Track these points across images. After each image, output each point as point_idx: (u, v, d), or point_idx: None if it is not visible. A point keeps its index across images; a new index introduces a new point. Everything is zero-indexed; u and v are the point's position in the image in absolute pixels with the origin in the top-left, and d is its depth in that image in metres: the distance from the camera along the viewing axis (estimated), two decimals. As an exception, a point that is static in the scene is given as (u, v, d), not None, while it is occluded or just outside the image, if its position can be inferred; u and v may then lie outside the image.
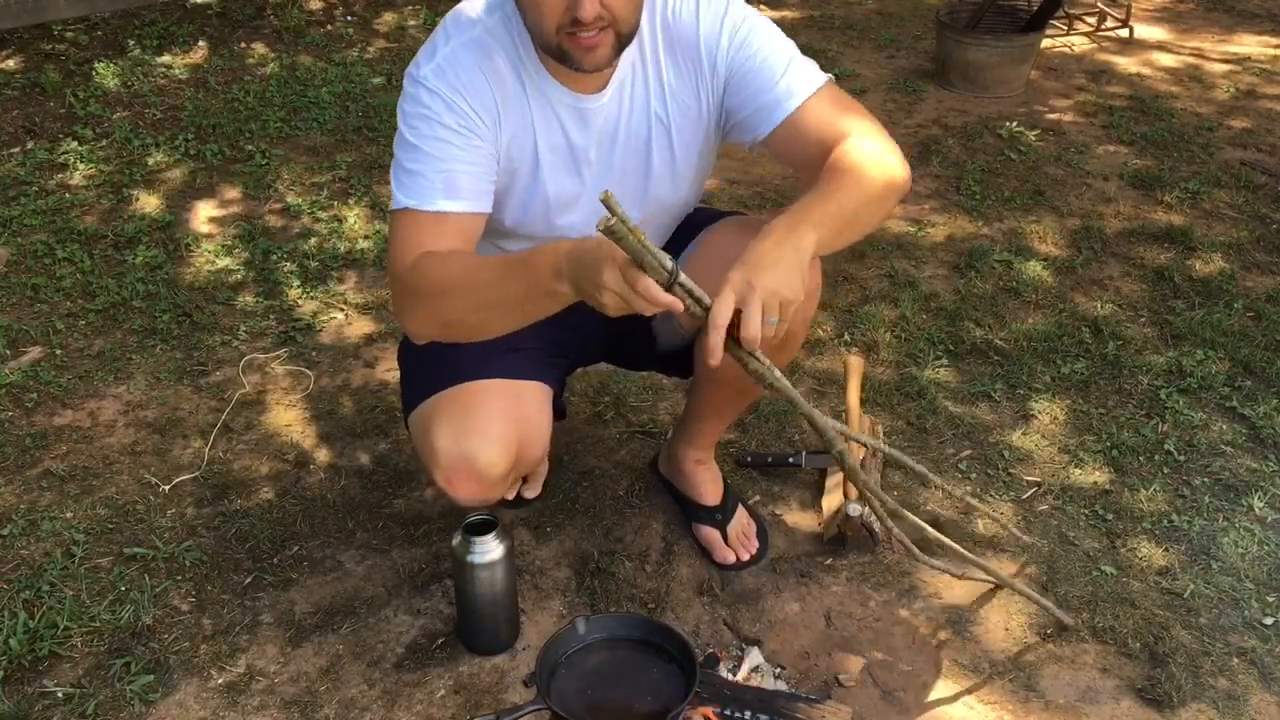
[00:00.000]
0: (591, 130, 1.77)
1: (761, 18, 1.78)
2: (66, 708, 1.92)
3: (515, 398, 1.82)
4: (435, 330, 1.65)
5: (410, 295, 1.64)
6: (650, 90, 1.77)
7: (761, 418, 2.59)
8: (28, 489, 2.40)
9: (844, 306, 3.00)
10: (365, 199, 3.54)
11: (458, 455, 1.76)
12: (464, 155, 1.66)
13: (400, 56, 4.64)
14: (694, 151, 1.86)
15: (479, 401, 1.78)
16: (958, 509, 2.34)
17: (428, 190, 1.64)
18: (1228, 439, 2.54)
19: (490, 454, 1.76)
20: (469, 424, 1.76)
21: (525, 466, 1.89)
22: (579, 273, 1.44)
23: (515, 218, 1.82)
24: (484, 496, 1.83)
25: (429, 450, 1.79)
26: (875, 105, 4.27)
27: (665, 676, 1.82)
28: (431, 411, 1.81)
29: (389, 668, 1.99)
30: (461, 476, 1.77)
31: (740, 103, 1.77)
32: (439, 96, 1.66)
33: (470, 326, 1.62)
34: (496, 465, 1.77)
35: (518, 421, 1.80)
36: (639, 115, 1.78)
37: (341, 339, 2.90)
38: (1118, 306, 3.02)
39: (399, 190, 1.67)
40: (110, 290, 3.04)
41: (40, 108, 4.11)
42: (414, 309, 1.64)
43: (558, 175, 1.78)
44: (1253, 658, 2.01)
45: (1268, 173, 3.74)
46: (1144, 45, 4.92)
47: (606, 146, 1.79)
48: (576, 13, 1.53)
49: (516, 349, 1.87)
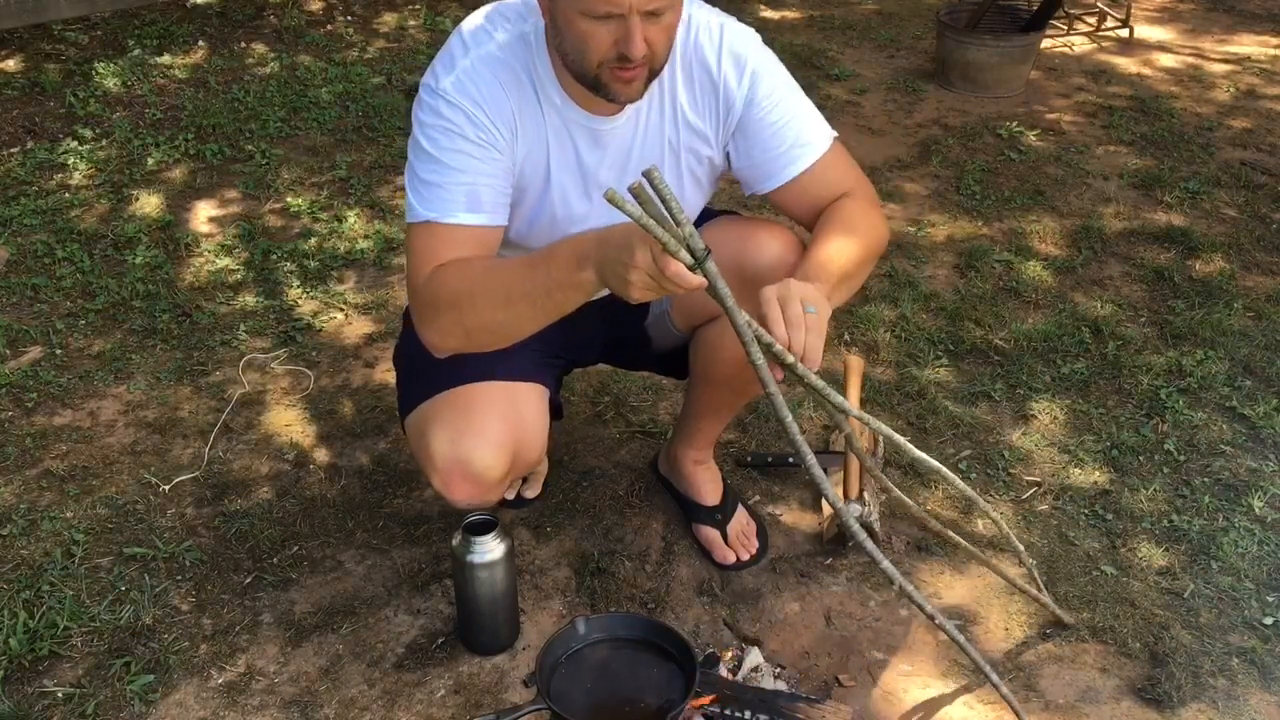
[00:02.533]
0: (605, 152, 1.77)
1: (780, 68, 1.81)
2: (66, 708, 1.92)
3: (511, 399, 1.81)
4: (459, 339, 1.66)
5: (431, 306, 1.64)
6: (665, 116, 1.78)
7: (761, 418, 2.59)
8: (28, 489, 2.40)
9: (844, 306, 2.99)
10: (365, 199, 3.54)
11: (454, 458, 1.76)
12: (484, 169, 1.67)
13: (400, 56, 4.64)
14: (703, 179, 1.87)
15: (475, 404, 1.78)
16: (957, 509, 2.34)
17: (448, 203, 1.65)
18: (1228, 439, 2.54)
19: (487, 457, 1.76)
20: (465, 426, 1.76)
21: (522, 468, 1.89)
22: (607, 256, 1.43)
23: (520, 231, 1.82)
24: (482, 499, 1.83)
25: (425, 453, 1.79)
26: (875, 105, 4.27)
27: (665, 676, 1.82)
28: (428, 415, 1.81)
29: (389, 668, 1.99)
30: (458, 479, 1.77)
31: (748, 154, 1.80)
32: (460, 109, 1.65)
33: (493, 331, 1.62)
34: (493, 468, 1.77)
35: (514, 423, 1.80)
36: (653, 139, 1.79)
37: (341, 339, 2.90)
38: (1118, 306, 3.02)
39: (418, 202, 1.66)
40: (110, 290, 3.04)
41: (40, 108, 4.11)
42: (435, 319, 1.65)
43: (567, 194, 1.79)
44: (1253, 658, 2.01)
45: (1268, 173, 3.74)
46: (1144, 45, 4.92)
47: (618, 169, 1.79)
48: (626, 50, 1.54)
49: (511, 351, 1.87)
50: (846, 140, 1.89)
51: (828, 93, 4.34)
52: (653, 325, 2.04)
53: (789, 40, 4.85)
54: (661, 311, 2.02)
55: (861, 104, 4.29)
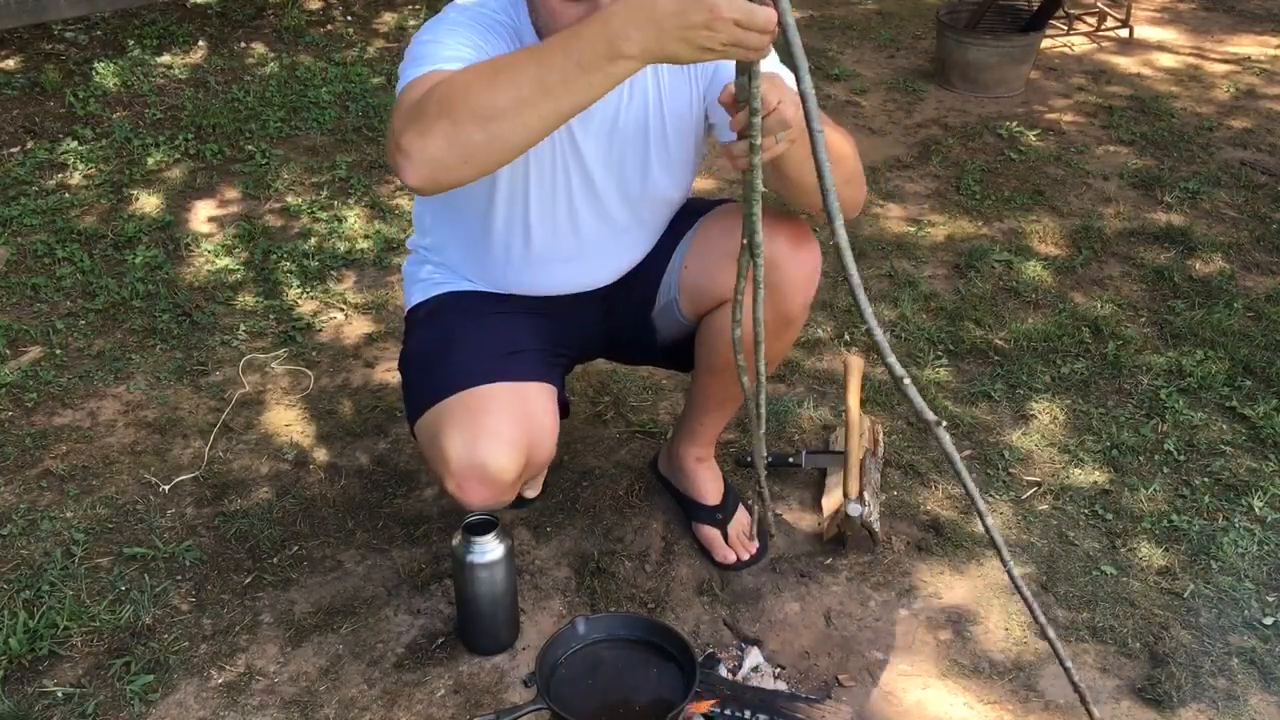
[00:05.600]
0: (590, 118, 1.77)
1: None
2: (66, 707, 1.92)
3: (522, 400, 1.81)
4: (442, 139, 1.36)
5: (413, 109, 1.40)
6: (648, 81, 1.78)
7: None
8: (28, 489, 2.40)
9: (844, 306, 3.00)
10: (365, 199, 3.54)
11: (470, 462, 1.74)
12: (486, 56, 1.61)
13: (400, 57, 4.63)
14: (689, 141, 1.86)
15: (487, 406, 1.77)
16: (957, 508, 2.34)
17: (445, 59, 1.57)
18: (1228, 439, 2.54)
19: (502, 459, 1.75)
20: (478, 429, 1.75)
21: (535, 468, 1.88)
22: (665, 26, 1.24)
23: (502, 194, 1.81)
24: (496, 501, 1.81)
25: (440, 458, 1.77)
26: (875, 105, 4.27)
27: (665, 676, 1.82)
28: (439, 418, 1.79)
29: (389, 668, 1.99)
30: (474, 483, 1.75)
31: (717, 105, 1.77)
32: (461, 23, 1.67)
33: (487, 123, 1.35)
34: (508, 469, 1.76)
35: (526, 423, 1.79)
36: (638, 104, 1.79)
37: (341, 339, 2.90)
38: (1118, 306, 3.02)
39: (410, 68, 1.60)
40: (110, 290, 3.04)
41: (40, 108, 4.11)
42: (418, 119, 1.38)
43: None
44: (1252, 658, 2.01)
45: (1268, 173, 3.74)
46: (1144, 45, 4.92)
47: (605, 135, 1.79)
48: None
49: (517, 351, 1.87)
50: (846, 140, 1.89)
51: (828, 93, 4.34)
52: (660, 315, 2.04)
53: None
54: (670, 300, 2.01)
55: (861, 104, 4.29)
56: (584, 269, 1.95)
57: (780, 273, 1.82)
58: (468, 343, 1.88)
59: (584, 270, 1.95)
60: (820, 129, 1.25)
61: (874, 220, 3.44)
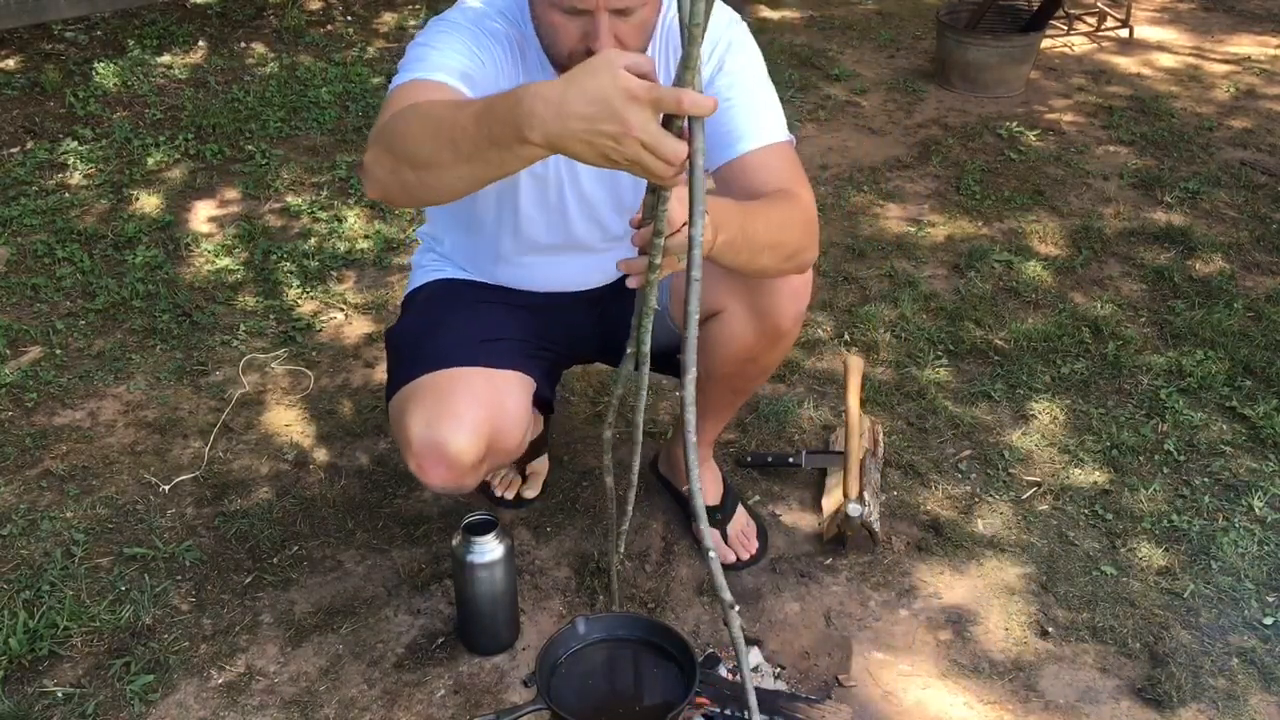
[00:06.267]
0: None
1: (757, 56, 1.80)
2: (66, 708, 1.92)
3: (490, 385, 1.81)
4: (386, 168, 1.41)
5: (376, 140, 1.45)
6: None
7: (761, 418, 2.59)
8: (28, 489, 2.40)
9: (844, 306, 3.00)
10: (365, 199, 3.54)
11: (429, 440, 1.75)
12: (481, 60, 1.66)
13: (400, 57, 4.63)
14: None
15: (454, 388, 1.78)
16: (957, 508, 2.34)
17: (434, 67, 1.61)
18: (1228, 439, 2.54)
19: (461, 440, 1.75)
20: (442, 409, 1.76)
21: (500, 455, 1.88)
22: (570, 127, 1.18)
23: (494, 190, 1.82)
24: (456, 483, 1.82)
25: (402, 434, 1.79)
26: (875, 105, 4.27)
27: (665, 676, 1.82)
28: (407, 396, 1.81)
29: (389, 668, 1.99)
30: (432, 462, 1.76)
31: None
32: (463, 25, 1.69)
33: (417, 165, 1.37)
34: (467, 452, 1.76)
35: (492, 410, 1.80)
36: None
37: (341, 339, 2.90)
38: (1118, 306, 3.02)
39: (401, 71, 1.64)
40: (110, 290, 3.04)
41: (40, 108, 4.11)
42: (376, 143, 1.43)
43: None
44: (1252, 658, 2.01)
45: (1268, 173, 3.74)
46: (1144, 45, 4.92)
47: None
48: (593, 46, 1.54)
49: (497, 339, 1.88)
50: (846, 140, 1.89)
51: (828, 93, 4.34)
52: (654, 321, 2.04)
53: (789, 40, 4.84)
54: (660, 309, 2.01)
55: (861, 104, 4.29)
56: (573, 270, 1.96)
57: (769, 286, 1.82)
58: (450, 327, 1.90)
59: (573, 271, 1.96)
60: (697, 277, 1.25)
61: (874, 220, 3.44)
